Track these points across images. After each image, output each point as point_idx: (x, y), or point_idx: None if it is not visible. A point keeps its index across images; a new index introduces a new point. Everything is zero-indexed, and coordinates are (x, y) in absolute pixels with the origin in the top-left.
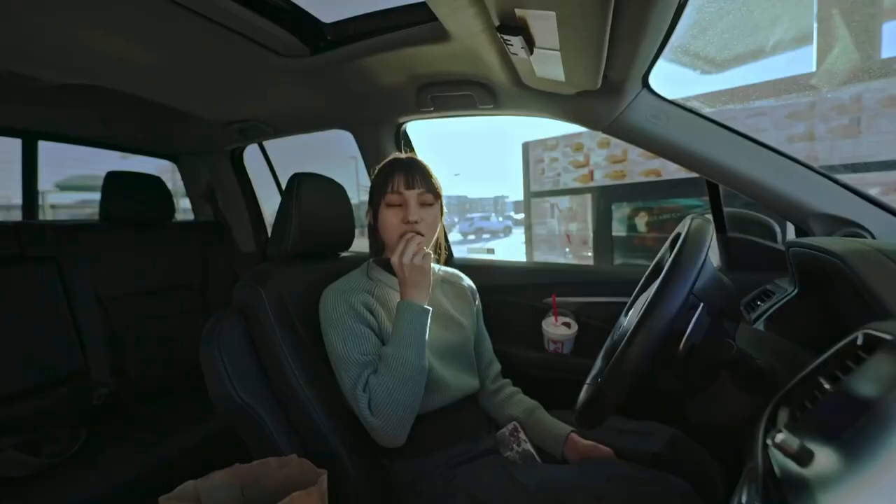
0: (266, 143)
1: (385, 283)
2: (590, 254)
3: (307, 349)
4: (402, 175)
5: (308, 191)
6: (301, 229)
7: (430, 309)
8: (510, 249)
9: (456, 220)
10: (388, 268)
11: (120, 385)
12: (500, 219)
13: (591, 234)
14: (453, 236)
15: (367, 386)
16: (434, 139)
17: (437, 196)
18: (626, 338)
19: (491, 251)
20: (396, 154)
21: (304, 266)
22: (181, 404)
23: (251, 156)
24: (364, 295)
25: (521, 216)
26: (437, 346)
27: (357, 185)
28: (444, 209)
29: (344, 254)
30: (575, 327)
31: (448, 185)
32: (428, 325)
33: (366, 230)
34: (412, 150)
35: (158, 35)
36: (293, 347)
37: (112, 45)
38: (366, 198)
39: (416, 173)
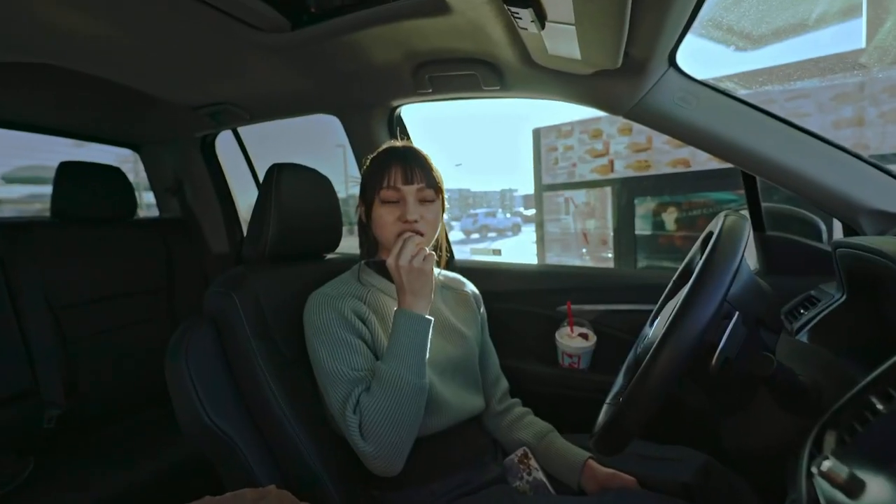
0: (241, 130)
1: (379, 289)
2: (610, 255)
3: (289, 364)
4: (398, 167)
5: (289, 183)
6: (281, 227)
7: (432, 319)
8: (519, 250)
9: (457, 216)
10: (382, 271)
11: (74, 405)
12: (508, 215)
13: (612, 233)
14: (454, 235)
15: (358, 407)
16: (430, 123)
17: (439, 191)
18: (651, 351)
19: (497, 252)
20: (391, 142)
21: (285, 269)
22: (144, 427)
23: (224, 144)
24: (355, 302)
25: (531, 212)
26: (437, 360)
27: (345, 177)
28: (446, 205)
29: (330, 255)
30: (593, 339)
31: (448, 177)
32: (429, 337)
33: (355, 228)
34: (408, 137)
35: (118, 8)
36: (272, 362)
37: (66, 20)
38: (355, 191)
39: (415, 165)
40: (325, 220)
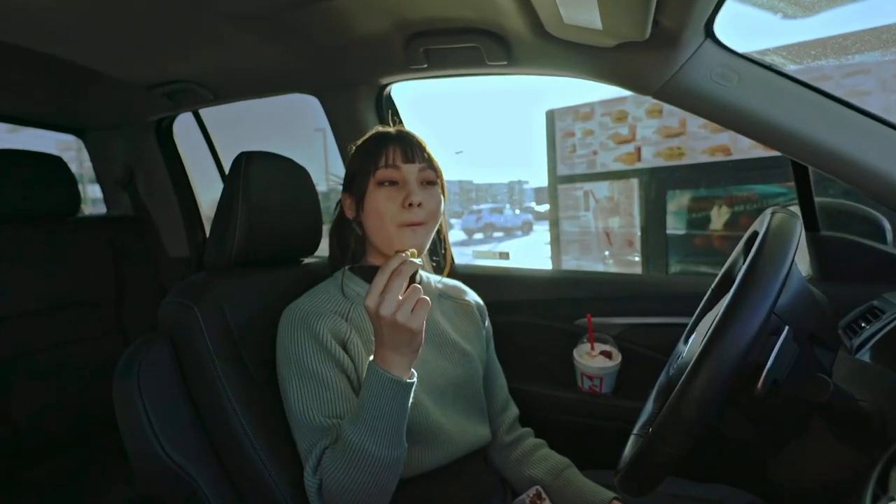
0: (204, 113)
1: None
2: (637, 258)
3: (260, 389)
4: (396, 146)
5: (260, 175)
6: (250, 227)
7: (415, 381)
8: (530, 253)
9: (458, 212)
10: (370, 276)
11: (6, 436)
12: (517, 211)
13: (639, 233)
14: (454, 235)
15: (320, 468)
16: (423, 102)
17: (439, 175)
18: (686, 372)
19: (504, 255)
20: (382, 127)
21: (256, 276)
22: (88, 463)
23: (184, 129)
24: (335, 320)
25: (544, 208)
26: (434, 382)
27: (326, 168)
28: (446, 195)
29: (308, 259)
30: (618, 358)
31: (446, 167)
32: (409, 403)
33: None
34: (399, 120)
35: None
36: (240, 386)
37: None
38: (336, 186)
39: (414, 146)
40: (302, 217)
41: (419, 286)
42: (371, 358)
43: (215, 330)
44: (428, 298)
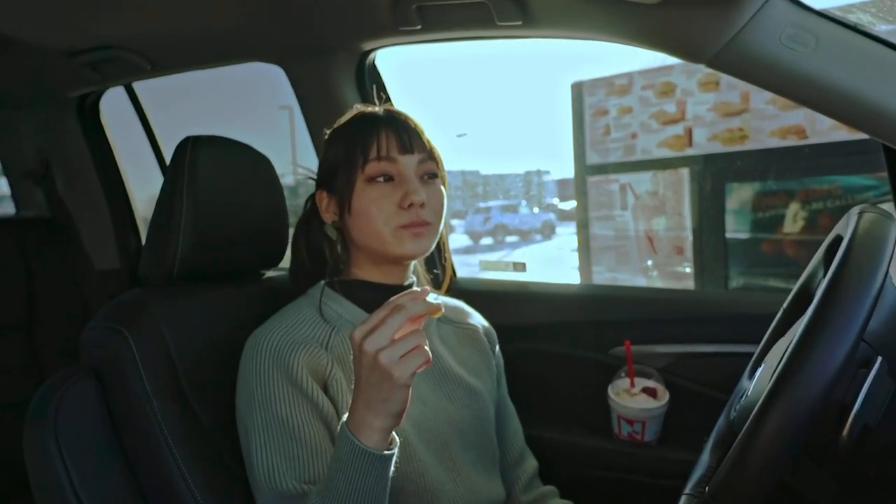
0: (139, 88)
1: (352, 324)
2: (689, 269)
3: (207, 437)
4: (390, 132)
5: (209, 165)
6: (198, 231)
7: (395, 451)
8: (552, 263)
9: (460, 211)
10: (354, 294)
11: None
12: (536, 210)
13: (690, 237)
14: (456, 240)
15: None
16: (410, 68)
17: (441, 166)
18: (752, 416)
19: (520, 267)
20: (364, 106)
21: (205, 294)
22: None
23: (113, 108)
24: (314, 351)
25: (569, 205)
26: (435, 429)
27: (293, 155)
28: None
29: (272, 272)
30: (665, 397)
31: (445, 155)
32: (389, 475)
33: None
34: (387, 97)
35: None
36: (185, 433)
37: None
38: (308, 178)
39: (411, 131)
40: (264, 219)
41: (422, 332)
42: (345, 417)
43: (153, 362)
44: (430, 353)
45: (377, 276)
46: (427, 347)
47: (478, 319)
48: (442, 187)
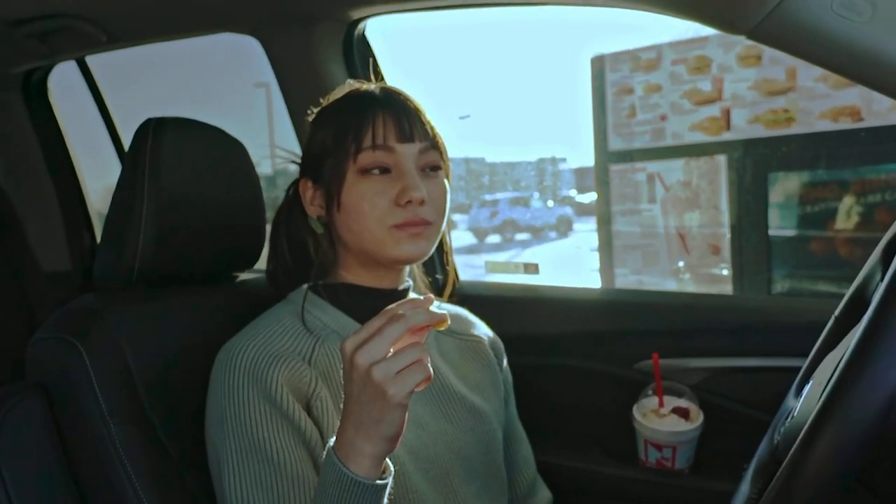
0: (94, 63)
1: (338, 334)
2: (725, 272)
3: (171, 463)
4: (389, 117)
5: (174, 151)
6: (160, 227)
7: (388, 482)
8: (569, 264)
9: (463, 205)
10: (341, 300)
11: None
12: (550, 203)
13: (728, 234)
14: (459, 237)
15: None
16: (403, 38)
17: (444, 156)
18: (799, 440)
19: (532, 269)
20: (356, 83)
21: (168, 300)
22: None
23: (64, 87)
24: (295, 366)
25: (589, 198)
26: (435, 456)
27: (271, 138)
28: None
29: (246, 275)
30: (698, 418)
31: (446, 140)
32: None
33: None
34: (379, 73)
35: None
36: (143, 458)
37: None
38: (286, 165)
39: (410, 114)
40: (237, 213)
41: (423, 345)
42: (331, 441)
43: (110, 378)
44: (431, 370)
45: (368, 280)
46: (429, 363)
47: (483, 330)
48: (445, 181)
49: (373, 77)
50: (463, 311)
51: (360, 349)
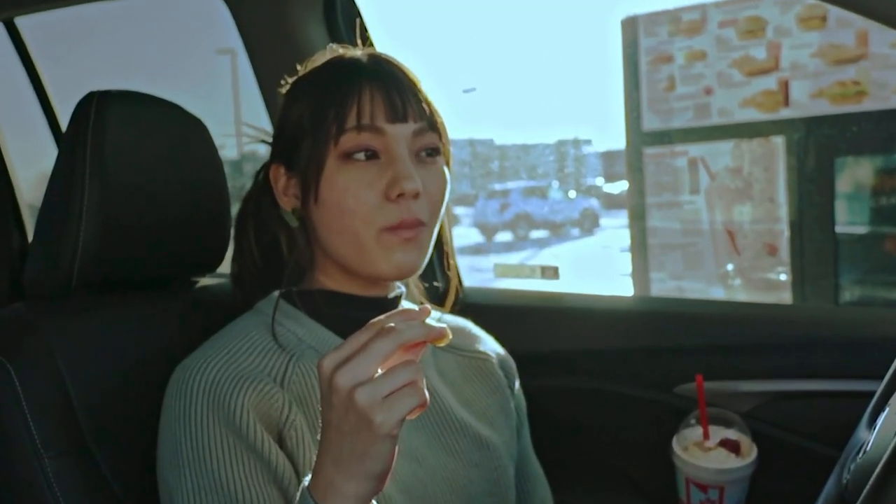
0: (24, 26)
1: (315, 350)
2: (784, 276)
3: (115, 501)
4: (377, 91)
5: (122, 130)
6: (105, 222)
7: None
8: (595, 266)
9: (467, 196)
10: (322, 309)
11: None
12: (572, 193)
13: (787, 231)
14: (463, 234)
15: None
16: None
17: (444, 138)
18: (873, 480)
19: (551, 273)
20: (341, 49)
21: (114, 310)
22: None
23: None
24: (265, 389)
25: (618, 188)
26: (436, 496)
27: (236, 115)
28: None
29: (208, 280)
30: (751, 453)
31: (448, 117)
32: None
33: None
34: (368, 39)
35: None
36: (83, 497)
37: None
38: (255, 148)
39: (403, 88)
40: (196, 206)
41: (418, 364)
42: (306, 479)
43: (44, 402)
44: (427, 394)
45: (352, 286)
46: (424, 385)
47: (490, 345)
48: (445, 168)
49: (359, 42)
50: (466, 324)
51: (341, 368)
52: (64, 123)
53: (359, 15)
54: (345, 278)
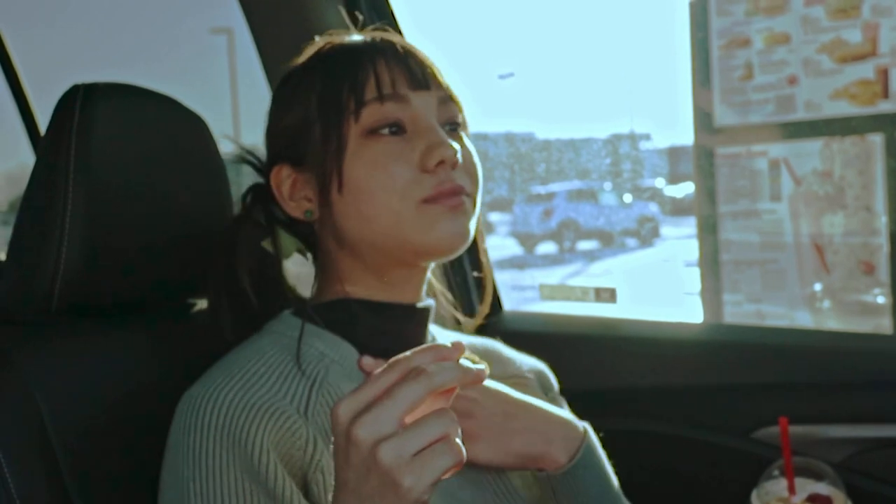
0: None
1: (339, 367)
2: (882, 299)
3: None
4: (392, 62)
5: (110, 128)
6: (91, 234)
7: None
8: (654, 285)
9: (502, 201)
10: (345, 328)
11: None
12: (628, 198)
13: (887, 246)
14: (498, 245)
15: None
16: None
17: (463, 115)
18: None
19: (606, 296)
20: (337, 33)
21: (100, 333)
22: None
23: None
24: (286, 422)
25: (683, 191)
26: None
27: (234, 105)
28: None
29: (207, 302)
30: None
31: (483, 106)
32: None
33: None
34: (394, 23)
35: None
36: None
37: None
38: (256, 144)
39: (418, 61)
40: (195, 215)
41: (451, 412)
42: None
43: (19, 441)
44: (463, 450)
45: (377, 292)
46: (460, 438)
47: (524, 362)
48: (469, 146)
49: (378, 15)
50: (495, 345)
51: (360, 418)
52: (42, 122)
53: None
54: (371, 280)
